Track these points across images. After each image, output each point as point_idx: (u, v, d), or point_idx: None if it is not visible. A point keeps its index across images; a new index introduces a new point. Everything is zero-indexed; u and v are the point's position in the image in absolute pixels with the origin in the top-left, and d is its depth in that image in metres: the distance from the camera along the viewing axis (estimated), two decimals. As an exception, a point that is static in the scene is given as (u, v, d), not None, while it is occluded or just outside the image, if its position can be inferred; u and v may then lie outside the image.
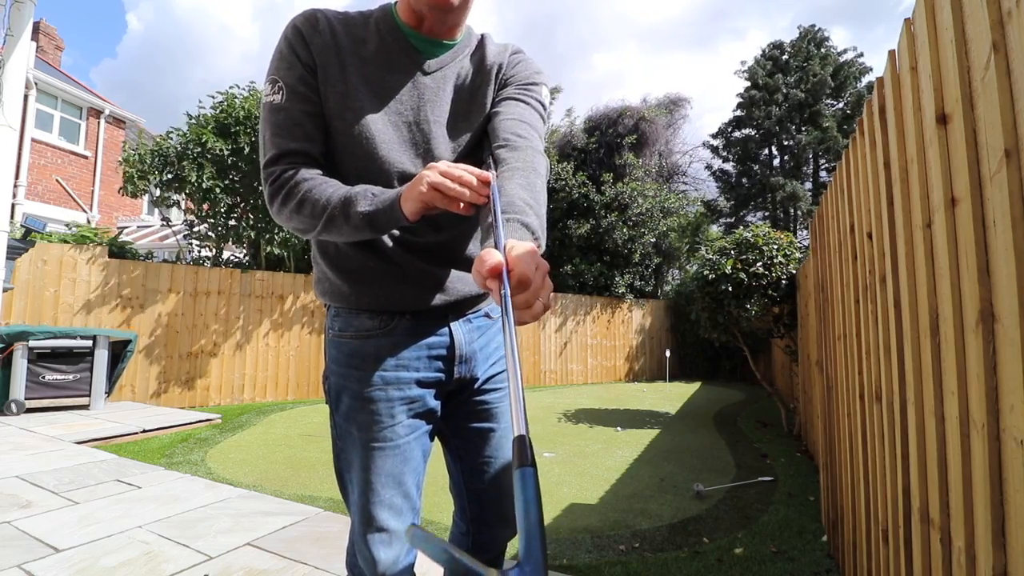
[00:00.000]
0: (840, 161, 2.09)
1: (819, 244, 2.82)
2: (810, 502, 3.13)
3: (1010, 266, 0.76)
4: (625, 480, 3.61)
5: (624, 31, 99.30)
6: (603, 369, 10.80)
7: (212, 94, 6.86)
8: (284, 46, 0.93)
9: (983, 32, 0.83)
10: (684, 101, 13.63)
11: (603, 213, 11.08)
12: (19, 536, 2.19)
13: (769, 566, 2.28)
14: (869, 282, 1.66)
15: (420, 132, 0.96)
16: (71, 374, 5.05)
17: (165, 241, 11.07)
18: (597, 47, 78.51)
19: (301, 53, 0.92)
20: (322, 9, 0.96)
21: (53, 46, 13.89)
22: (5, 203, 4.55)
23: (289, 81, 0.91)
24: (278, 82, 0.92)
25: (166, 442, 4.33)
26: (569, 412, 6.55)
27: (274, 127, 0.92)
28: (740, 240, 5.37)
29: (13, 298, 5.35)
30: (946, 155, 1.00)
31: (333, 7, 0.99)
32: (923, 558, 1.20)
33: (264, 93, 0.94)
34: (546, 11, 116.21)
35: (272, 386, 6.95)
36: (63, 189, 11.69)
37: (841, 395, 2.21)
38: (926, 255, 1.13)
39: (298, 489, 3.17)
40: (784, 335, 5.24)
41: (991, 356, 0.83)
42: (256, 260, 7.39)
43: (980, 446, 0.87)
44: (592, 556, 2.34)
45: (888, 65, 1.39)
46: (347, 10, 1.00)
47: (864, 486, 1.77)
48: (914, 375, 1.23)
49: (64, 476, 3.02)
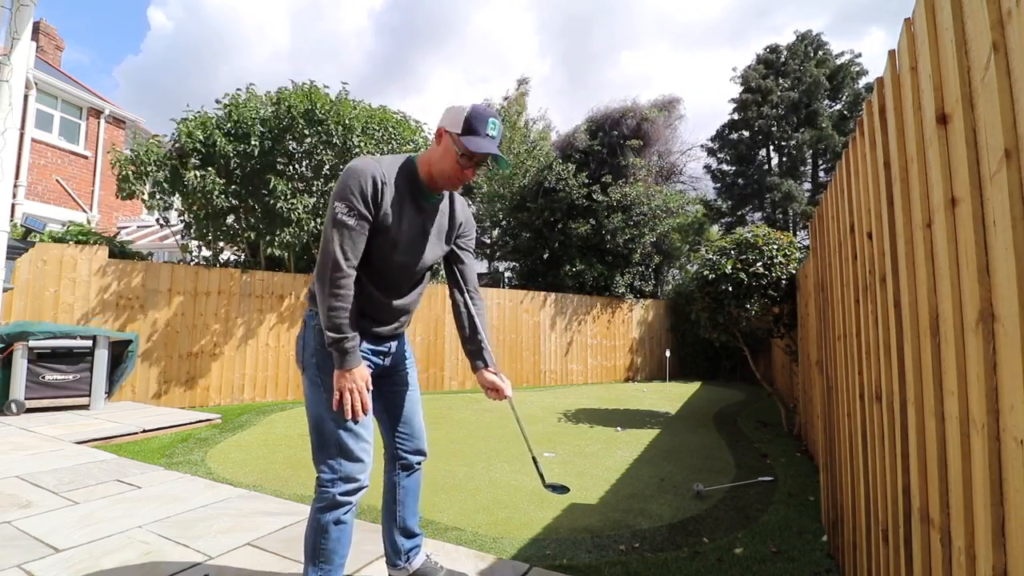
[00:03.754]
0: (840, 161, 2.09)
1: (819, 244, 2.82)
2: (810, 502, 3.13)
3: (1010, 266, 0.76)
4: (625, 480, 3.61)
5: (660, 29, 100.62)
6: (603, 369, 10.80)
7: (218, 98, 6.85)
8: (360, 187, 1.46)
9: (983, 32, 0.83)
10: (677, 101, 13.70)
11: (604, 213, 11.06)
12: (19, 536, 2.19)
13: (769, 566, 2.28)
14: (869, 282, 1.66)
15: (420, 241, 1.63)
16: (71, 374, 5.05)
17: (165, 241, 11.08)
18: (628, 44, 79.49)
19: (370, 196, 1.48)
20: (381, 164, 1.52)
21: (53, 46, 13.88)
22: (5, 203, 4.55)
23: (361, 210, 1.47)
24: (354, 208, 1.46)
25: (166, 442, 4.33)
26: (569, 412, 6.55)
27: (345, 240, 1.46)
28: (740, 240, 5.37)
29: (13, 298, 5.35)
30: (946, 155, 1.00)
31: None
32: (923, 558, 1.20)
33: (339, 211, 1.46)
34: (586, 7, 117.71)
35: (272, 386, 6.95)
36: (63, 189, 11.69)
37: (841, 395, 2.21)
38: (926, 255, 1.13)
39: (298, 489, 3.17)
40: (784, 335, 5.24)
41: (991, 356, 0.83)
42: (256, 260, 7.39)
43: (980, 446, 0.87)
44: (592, 556, 2.34)
45: (888, 65, 1.39)
46: (393, 157, 1.59)
47: (864, 486, 1.77)
48: (914, 375, 1.23)
49: (64, 476, 3.02)
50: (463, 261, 1.78)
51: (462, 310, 1.77)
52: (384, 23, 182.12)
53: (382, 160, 1.54)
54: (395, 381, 1.78)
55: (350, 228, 1.45)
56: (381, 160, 1.54)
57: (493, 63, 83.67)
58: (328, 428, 1.53)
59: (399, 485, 1.80)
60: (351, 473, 1.52)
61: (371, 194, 1.47)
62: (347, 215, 1.45)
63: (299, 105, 6.61)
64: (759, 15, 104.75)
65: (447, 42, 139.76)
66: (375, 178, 1.48)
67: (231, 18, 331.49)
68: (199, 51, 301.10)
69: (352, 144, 6.80)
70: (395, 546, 1.81)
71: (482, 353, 1.74)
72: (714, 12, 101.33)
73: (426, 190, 1.59)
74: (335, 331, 1.45)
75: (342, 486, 1.51)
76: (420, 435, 1.83)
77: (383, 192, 1.50)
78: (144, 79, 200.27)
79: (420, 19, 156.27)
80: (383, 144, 7.19)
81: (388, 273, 1.60)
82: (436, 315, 8.50)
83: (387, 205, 1.51)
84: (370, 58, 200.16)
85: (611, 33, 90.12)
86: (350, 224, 1.45)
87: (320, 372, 1.56)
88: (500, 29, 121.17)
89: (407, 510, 1.81)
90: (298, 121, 6.58)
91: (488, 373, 1.72)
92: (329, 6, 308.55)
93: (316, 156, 6.80)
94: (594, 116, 12.75)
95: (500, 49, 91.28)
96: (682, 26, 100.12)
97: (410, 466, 1.81)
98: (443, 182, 1.56)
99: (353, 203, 1.45)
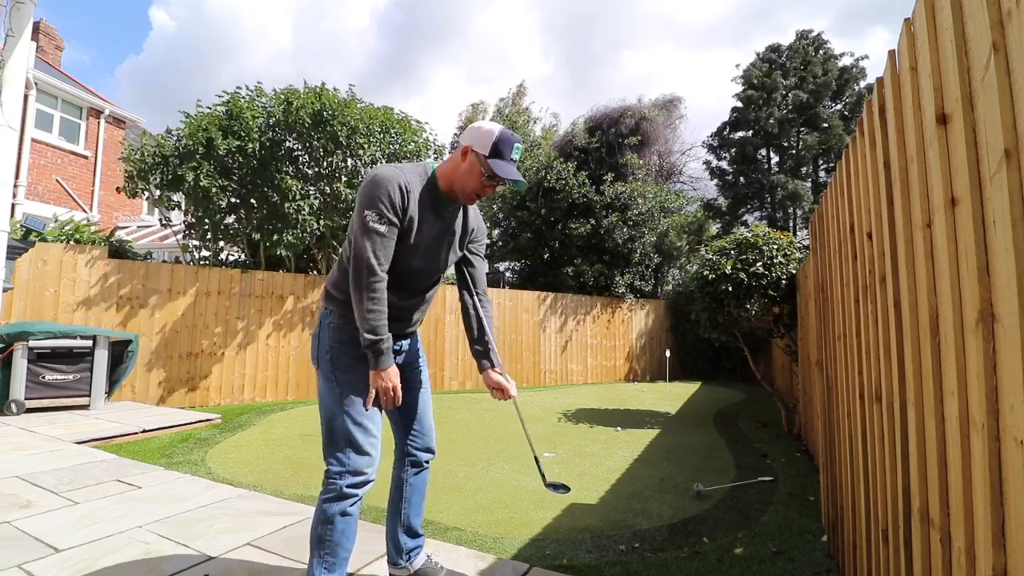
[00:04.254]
0: (840, 161, 2.08)
1: (819, 244, 2.82)
2: (810, 502, 3.13)
3: (1010, 266, 0.76)
4: (625, 480, 3.61)
5: (663, 29, 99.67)
6: (603, 369, 10.80)
7: (219, 93, 6.86)
8: (388, 195, 1.53)
9: (983, 32, 0.83)
10: (677, 100, 13.69)
11: (604, 213, 11.06)
12: (19, 536, 2.19)
13: (769, 566, 2.28)
14: (869, 282, 1.66)
15: (437, 247, 1.70)
16: (71, 374, 5.05)
17: (165, 241, 11.07)
18: (630, 44, 78.90)
19: (398, 204, 1.55)
20: (405, 173, 1.59)
21: (53, 46, 13.88)
22: (5, 203, 4.55)
23: (391, 218, 1.54)
24: (384, 216, 1.53)
25: (166, 442, 4.33)
26: (569, 412, 6.54)
27: (377, 246, 1.54)
28: (740, 240, 5.37)
29: (13, 298, 5.35)
30: (946, 155, 1.00)
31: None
32: (923, 558, 1.20)
33: (370, 219, 1.52)
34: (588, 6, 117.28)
35: (272, 386, 6.95)
36: (63, 189, 11.69)
37: (841, 395, 2.21)
38: (926, 255, 1.13)
39: (298, 489, 3.17)
40: (784, 335, 5.23)
41: (991, 356, 0.83)
42: (256, 260, 7.39)
43: (980, 446, 0.87)
44: (592, 556, 2.34)
45: (888, 65, 1.39)
46: (413, 166, 1.66)
47: (864, 486, 1.77)
48: (914, 375, 1.23)
49: (64, 476, 3.02)
50: (474, 265, 1.86)
51: (471, 312, 1.84)
52: (387, 22, 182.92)
53: (404, 168, 1.61)
54: (409, 379, 1.83)
55: (382, 235, 1.53)
56: (404, 168, 1.61)
57: (495, 63, 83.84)
58: (339, 423, 1.59)
59: (407, 483, 1.84)
60: (359, 467, 1.58)
61: (399, 201, 1.55)
62: (378, 222, 1.52)
63: (309, 106, 6.63)
64: (762, 15, 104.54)
65: (450, 42, 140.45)
66: (401, 186, 1.55)
67: (233, 18, 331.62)
68: (202, 51, 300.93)
69: (356, 145, 6.80)
70: (398, 545, 1.83)
71: (489, 354, 1.81)
72: (717, 11, 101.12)
73: (444, 199, 1.68)
74: (372, 333, 1.53)
75: (350, 479, 1.57)
76: (430, 433, 1.89)
77: (408, 200, 1.57)
78: (146, 79, 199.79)
79: (423, 18, 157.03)
80: (385, 146, 7.19)
81: (406, 276, 1.66)
82: (436, 315, 8.50)
83: (411, 212, 1.59)
84: (373, 58, 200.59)
85: (613, 33, 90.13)
86: (382, 231, 1.53)
87: (334, 369, 1.63)
88: (503, 29, 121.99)
89: (412, 508, 1.84)
90: (304, 121, 6.59)
91: (494, 373, 1.78)
92: (332, 5, 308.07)
93: (322, 157, 6.80)
94: (593, 116, 12.75)
95: (503, 49, 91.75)
96: (684, 25, 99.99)
97: (419, 463, 1.86)
98: (464, 196, 1.66)
99: (383, 211, 1.53)
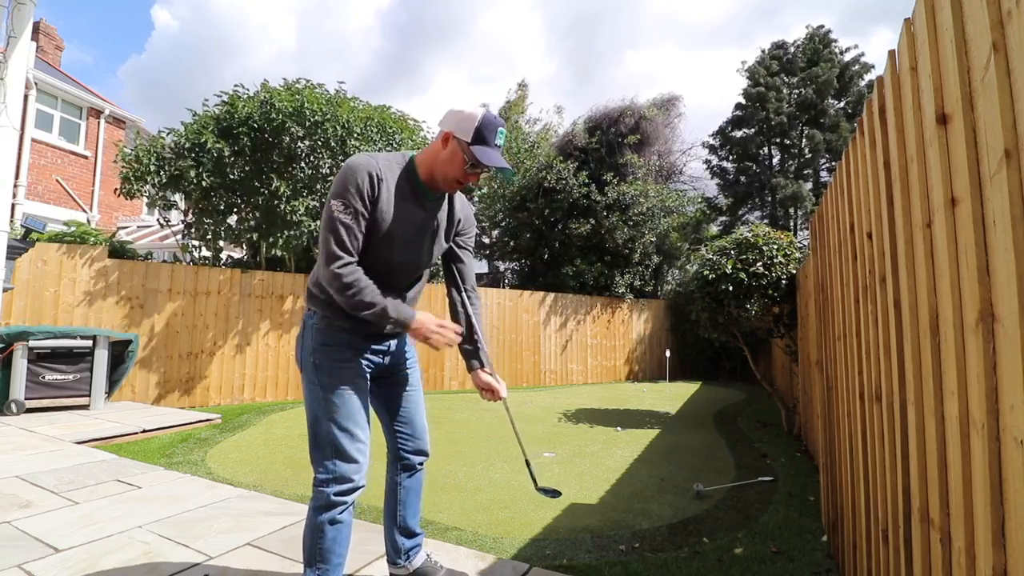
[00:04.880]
0: (840, 161, 2.08)
1: (819, 244, 2.82)
2: (810, 502, 3.13)
3: (1010, 266, 0.76)
4: (625, 480, 3.61)
5: (666, 29, 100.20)
6: (603, 369, 10.80)
7: (218, 93, 6.83)
8: (356, 184, 1.47)
9: (983, 32, 0.83)
10: (676, 99, 13.68)
11: (604, 213, 11.05)
12: (19, 536, 2.19)
13: (769, 566, 2.28)
14: (869, 282, 1.66)
15: (419, 239, 1.62)
16: (71, 374, 5.05)
17: (165, 241, 11.07)
18: (633, 43, 79.28)
19: (366, 193, 1.48)
20: (378, 161, 1.52)
21: (53, 46, 13.88)
22: (5, 203, 4.56)
23: (357, 207, 1.47)
24: (350, 205, 1.46)
25: (166, 442, 4.33)
26: (569, 412, 6.54)
27: (342, 235, 1.47)
28: (740, 240, 5.37)
29: (13, 298, 5.35)
30: (946, 155, 1.00)
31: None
32: (923, 558, 1.20)
33: (336, 209, 1.46)
34: (592, 6, 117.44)
35: (272, 386, 6.95)
36: (63, 189, 11.69)
37: (841, 395, 2.21)
38: (926, 255, 1.13)
39: (298, 489, 3.17)
40: (784, 335, 5.23)
41: (991, 356, 0.83)
42: (256, 260, 7.38)
43: (980, 446, 0.87)
44: (592, 556, 2.34)
45: (888, 65, 1.39)
46: (391, 154, 1.60)
47: (864, 486, 1.77)
48: (914, 375, 1.23)
49: (64, 476, 3.02)
50: (462, 260, 1.78)
51: (459, 309, 1.78)
52: (391, 22, 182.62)
53: (379, 157, 1.54)
54: (395, 381, 1.78)
55: (347, 225, 1.47)
56: (378, 157, 1.54)
57: (499, 63, 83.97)
58: (324, 428, 1.54)
59: (400, 485, 1.81)
60: (346, 473, 1.53)
61: (367, 190, 1.48)
62: (343, 212, 1.47)
63: (286, 105, 6.41)
64: (766, 14, 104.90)
65: (453, 41, 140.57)
66: (371, 174, 1.49)
67: (237, 18, 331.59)
68: (204, 51, 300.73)
69: (350, 146, 6.76)
70: (395, 545, 1.82)
71: (479, 353, 1.74)
72: (720, 11, 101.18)
73: (425, 188, 1.60)
74: (370, 309, 1.47)
75: (336, 486, 1.52)
76: (422, 435, 1.83)
77: (379, 188, 1.50)
78: (149, 79, 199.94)
79: (427, 18, 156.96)
80: (383, 145, 7.16)
81: (387, 271, 1.60)
82: (436, 315, 8.48)
83: (384, 201, 1.51)
84: (376, 57, 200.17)
85: (617, 33, 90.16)
86: (346, 222, 1.47)
87: (317, 372, 1.57)
88: (506, 29, 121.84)
89: (408, 510, 1.81)
90: (287, 121, 6.39)
91: (483, 374, 1.73)
92: (336, 5, 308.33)
93: (313, 158, 6.75)
94: (593, 115, 12.74)
95: (506, 49, 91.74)
96: (688, 25, 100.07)
97: (412, 466, 1.82)
98: (445, 185, 1.58)
99: (349, 200, 1.47)
